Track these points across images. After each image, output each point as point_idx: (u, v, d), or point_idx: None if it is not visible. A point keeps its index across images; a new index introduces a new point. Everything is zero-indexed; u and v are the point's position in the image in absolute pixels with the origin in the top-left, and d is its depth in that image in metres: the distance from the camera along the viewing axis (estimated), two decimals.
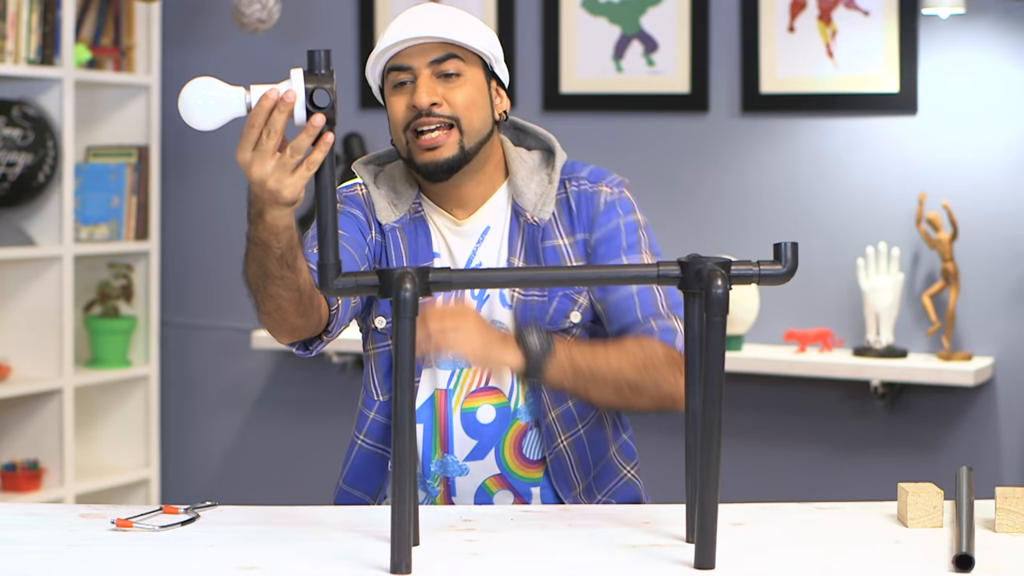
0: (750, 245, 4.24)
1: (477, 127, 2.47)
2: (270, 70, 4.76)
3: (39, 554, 2.02)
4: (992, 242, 4.09)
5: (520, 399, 2.50)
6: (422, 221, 2.54)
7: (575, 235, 2.52)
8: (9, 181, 4.45)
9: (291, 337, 2.38)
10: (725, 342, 1.97)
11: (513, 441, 2.51)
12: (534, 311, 2.48)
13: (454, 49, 2.46)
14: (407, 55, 2.46)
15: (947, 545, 2.07)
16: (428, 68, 2.45)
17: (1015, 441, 4.10)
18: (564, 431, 2.51)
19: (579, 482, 2.52)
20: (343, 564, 1.98)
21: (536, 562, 2.02)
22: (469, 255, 2.52)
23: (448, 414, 2.50)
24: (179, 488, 4.97)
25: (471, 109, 2.46)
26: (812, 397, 4.28)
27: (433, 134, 2.44)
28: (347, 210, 2.54)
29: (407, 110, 2.46)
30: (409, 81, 2.46)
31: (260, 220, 2.17)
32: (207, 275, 4.95)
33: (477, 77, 2.48)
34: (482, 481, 2.50)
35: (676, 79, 4.37)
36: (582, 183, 2.55)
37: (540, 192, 2.53)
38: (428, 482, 2.51)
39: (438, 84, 2.45)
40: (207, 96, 2.05)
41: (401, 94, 2.47)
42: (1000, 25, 4.06)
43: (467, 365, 2.45)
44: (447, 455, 2.50)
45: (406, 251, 2.51)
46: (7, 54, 4.38)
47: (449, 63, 2.45)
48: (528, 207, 2.52)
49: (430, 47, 2.45)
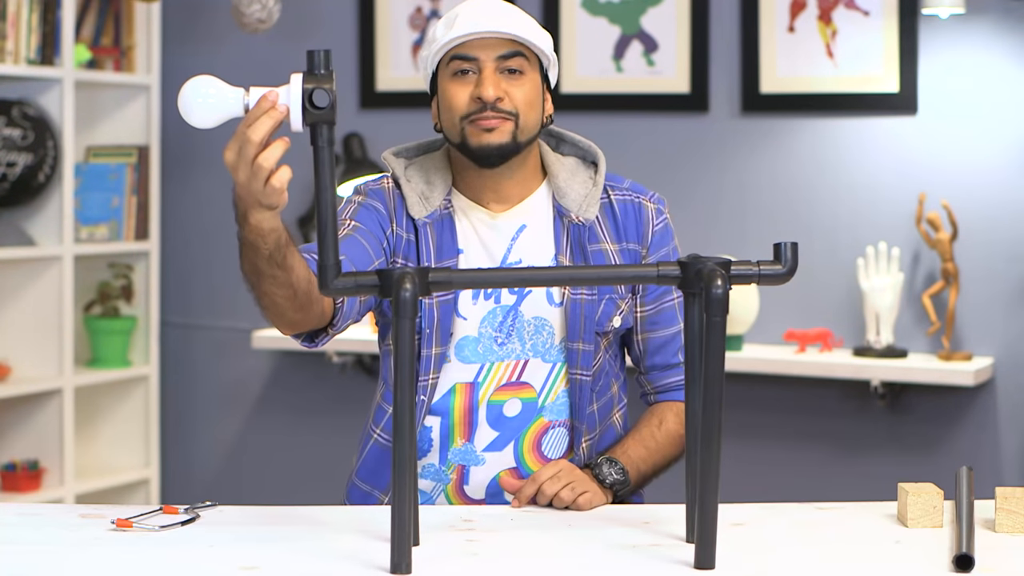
0: (750, 245, 4.24)
1: (531, 125, 2.50)
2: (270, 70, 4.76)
3: (39, 554, 2.02)
4: (992, 242, 4.08)
5: (551, 397, 2.52)
6: (449, 218, 2.54)
7: (621, 243, 2.56)
8: (9, 181, 4.45)
9: (292, 330, 2.38)
10: (725, 342, 1.97)
11: (534, 437, 2.52)
12: (584, 311, 2.51)
13: (520, 47, 2.49)
14: (474, 46, 2.48)
15: (947, 545, 2.07)
16: (494, 62, 2.47)
17: (1015, 441, 4.10)
18: (590, 431, 2.55)
19: None
20: (343, 564, 1.98)
21: (536, 562, 2.02)
22: (505, 251, 2.53)
23: (474, 405, 2.51)
24: (179, 488, 4.97)
25: (529, 107, 2.49)
26: (812, 397, 4.28)
27: (492, 121, 2.47)
28: (369, 202, 2.55)
29: (470, 101, 2.47)
30: (473, 71, 2.48)
31: (245, 222, 2.17)
32: (207, 275, 4.95)
33: (535, 77, 2.52)
34: (496, 473, 2.51)
35: (676, 79, 4.37)
36: (626, 193, 2.60)
37: (584, 193, 2.56)
38: (442, 469, 2.52)
39: (501, 79, 2.48)
40: (206, 94, 2.06)
41: (463, 84, 2.49)
42: (1000, 25, 4.06)
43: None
44: (468, 443, 2.51)
45: (434, 246, 2.52)
46: (7, 54, 4.38)
47: (515, 60, 2.48)
48: (573, 207, 2.54)
49: (498, 42, 2.48)
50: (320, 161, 2.03)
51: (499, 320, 2.50)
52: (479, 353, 2.51)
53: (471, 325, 2.51)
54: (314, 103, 2.01)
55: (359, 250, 2.45)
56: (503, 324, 2.50)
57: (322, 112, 2.01)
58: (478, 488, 2.52)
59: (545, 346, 2.51)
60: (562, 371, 2.52)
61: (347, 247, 2.43)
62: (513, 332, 2.50)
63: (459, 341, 2.50)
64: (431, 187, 2.56)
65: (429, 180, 2.56)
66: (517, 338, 2.50)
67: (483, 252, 2.53)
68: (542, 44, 2.51)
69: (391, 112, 4.67)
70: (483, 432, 2.51)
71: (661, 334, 2.58)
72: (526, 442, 2.52)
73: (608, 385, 2.58)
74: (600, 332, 2.52)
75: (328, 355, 4.66)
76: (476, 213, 2.55)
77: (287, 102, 2.05)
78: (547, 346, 2.51)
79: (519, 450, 2.52)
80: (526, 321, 2.51)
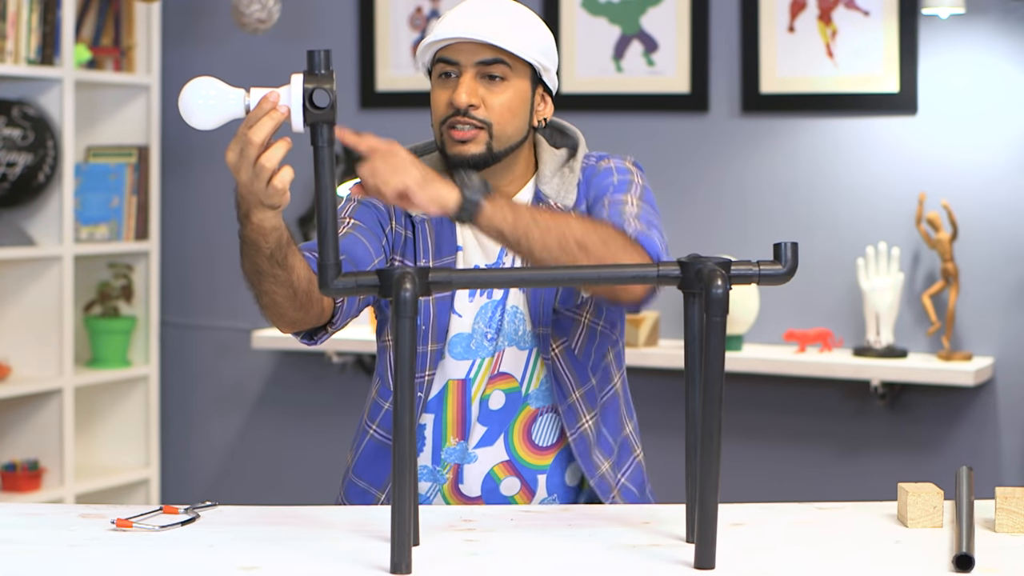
0: (750, 245, 4.24)
1: (509, 133, 2.48)
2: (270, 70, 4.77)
3: (39, 554, 2.02)
4: (992, 242, 4.09)
5: (533, 384, 2.52)
6: None
7: (582, 206, 2.54)
8: (9, 181, 4.45)
9: (292, 328, 2.39)
10: (725, 342, 1.97)
11: (523, 427, 2.52)
12: (543, 294, 2.50)
13: (503, 54, 2.46)
14: (456, 50, 2.47)
15: (947, 545, 2.07)
16: (474, 68, 2.46)
17: (1015, 441, 4.10)
18: (588, 411, 2.52)
19: (603, 461, 2.53)
20: (343, 564, 1.98)
21: (536, 562, 2.02)
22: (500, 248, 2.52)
23: (467, 403, 2.51)
24: (179, 488, 4.97)
25: (506, 116, 2.47)
26: (812, 397, 4.28)
27: (464, 130, 2.46)
28: (368, 200, 2.54)
29: (446, 106, 2.47)
30: (454, 75, 2.47)
31: (248, 221, 2.19)
32: (207, 275, 4.95)
33: (522, 84, 2.49)
34: (490, 468, 2.51)
35: (676, 79, 4.37)
36: (590, 160, 2.58)
37: (561, 181, 2.54)
38: (437, 469, 2.52)
39: (480, 85, 2.46)
40: (207, 96, 2.06)
41: (444, 88, 2.48)
42: (1000, 25, 4.06)
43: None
44: (462, 442, 2.51)
45: (432, 243, 2.52)
46: (7, 54, 4.38)
47: (495, 67, 2.46)
48: (551, 194, 2.53)
49: (480, 47, 2.46)
50: (320, 161, 2.03)
51: (489, 315, 2.51)
52: (471, 349, 2.51)
53: (465, 322, 2.51)
54: (314, 103, 2.02)
55: (359, 248, 2.45)
56: (492, 319, 2.51)
57: (322, 112, 2.02)
58: (473, 484, 2.52)
59: (518, 333, 2.51)
60: (539, 357, 2.52)
61: (347, 245, 2.44)
62: (501, 326, 2.51)
63: (453, 338, 2.51)
64: None
65: None
66: (505, 329, 2.51)
67: (479, 249, 2.53)
68: (528, 52, 2.47)
69: (391, 112, 4.67)
70: (475, 429, 2.52)
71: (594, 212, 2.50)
72: (515, 433, 2.52)
73: (603, 354, 2.56)
74: (568, 308, 2.50)
75: (328, 355, 4.66)
76: None
77: (288, 103, 2.05)
78: (519, 333, 2.51)
79: (510, 442, 2.51)
80: (507, 312, 2.51)
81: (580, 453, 2.51)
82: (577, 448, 2.51)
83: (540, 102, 2.55)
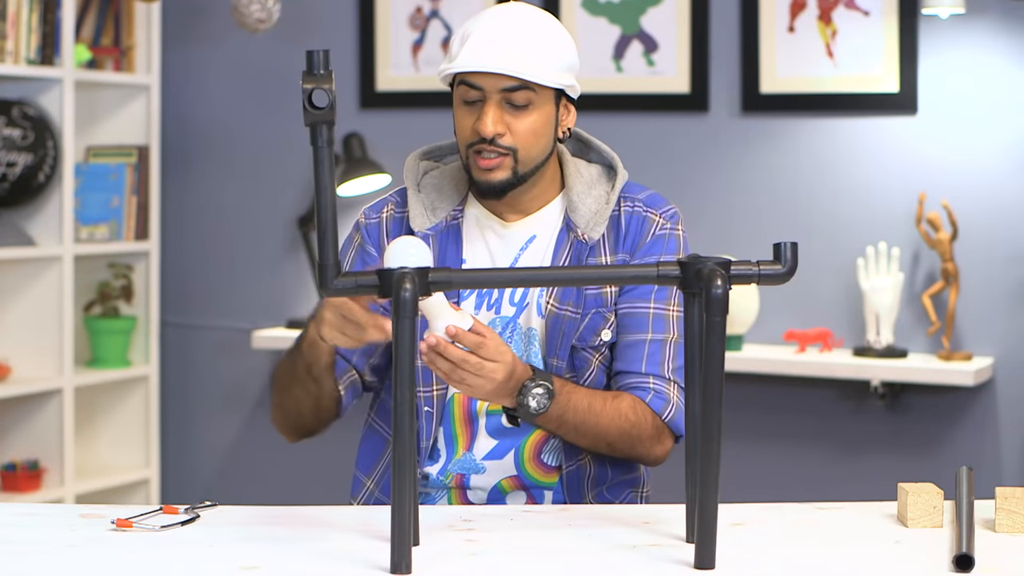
0: (750, 245, 4.24)
1: (534, 155, 2.47)
2: (270, 70, 4.77)
3: (39, 554, 2.02)
4: (992, 242, 4.09)
5: None
6: (456, 228, 2.54)
7: (618, 254, 2.52)
8: (9, 181, 4.45)
9: (297, 438, 2.60)
10: (725, 342, 1.97)
11: (534, 446, 2.52)
12: (564, 327, 2.48)
13: (527, 82, 2.44)
14: (480, 76, 2.43)
15: (947, 545, 2.07)
16: (498, 94, 2.43)
17: (1015, 441, 4.10)
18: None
19: (589, 492, 2.53)
20: (343, 564, 1.98)
21: (536, 562, 2.02)
22: (512, 260, 2.52)
23: (473, 415, 2.51)
24: (179, 488, 4.97)
25: (531, 139, 2.45)
26: (812, 397, 4.28)
27: (490, 158, 2.44)
28: (364, 247, 2.56)
29: (472, 132, 2.45)
30: (478, 100, 2.44)
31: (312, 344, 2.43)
32: (207, 275, 4.95)
33: (546, 106, 2.47)
34: (498, 481, 2.51)
35: (676, 79, 4.37)
36: (636, 204, 2.54)
37: (595, 210, 2.52)
38: (441, 479, 2.52)
39: (505, 112, 2.44)
40: (416, 254, 2.18)
41: (469, 112, 2.45)
42: (1000, 25, 4.06)
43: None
44: (468, 453, 2.50)
45: (436, 259, 2.50)
46: (7, 54, 4.38)
47: (519, 94, 2.44)
48: (581, 224, 2.51)
49: (505, 76, 2.43)
50: (320, 161, 2.03)
51: (498, 331, 2.49)
52: None
53: None
54: (313, 103, 2.02)
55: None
56: (502, 335, 2.48)
57: (321, 112, 2.01)
58: (479, 494, 2.52)
59: (536, 357, 2.50)
60: None
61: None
62: (511, 344, 2.49)
63: None
64: (442, 197, 2.55)
65: (442, 189, 2.56)
66: (515, 349, 2.49)
67: (489, 263, 2.52)
68: (554, 76, 2.44)
69: (391, 112, 4.67)
70: (482, 442, 2.51)
71: (627, 338, 2.51)
72: (526, 451, 2.51)
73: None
74: (585, 347, 2.50)
75: None
76: (489, 222, 2.54)
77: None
78: (536, 358, 2.50)
79: (519, 459, 2.51)
80: (522, 333, 2.51)
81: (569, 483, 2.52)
82: (568, 478, 2.51)
83: (564, 112, 2.52)
